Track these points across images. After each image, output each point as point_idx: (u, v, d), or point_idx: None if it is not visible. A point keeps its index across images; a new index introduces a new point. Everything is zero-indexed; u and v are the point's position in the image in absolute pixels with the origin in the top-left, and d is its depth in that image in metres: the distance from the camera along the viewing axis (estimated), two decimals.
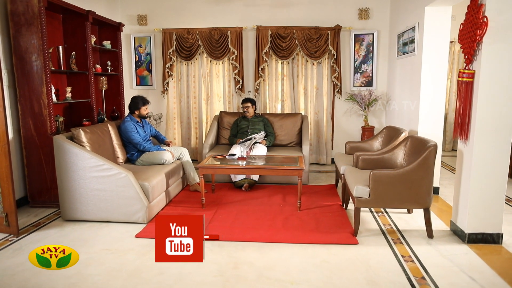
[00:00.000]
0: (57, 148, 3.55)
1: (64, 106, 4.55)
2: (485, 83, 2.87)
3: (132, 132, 4.22)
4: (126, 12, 5.97)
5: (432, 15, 4.11)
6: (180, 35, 5.81)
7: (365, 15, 5.69)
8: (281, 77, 5.93)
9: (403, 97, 4.98)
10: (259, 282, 2.55)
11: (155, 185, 3.68)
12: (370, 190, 3.16)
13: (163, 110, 6.14)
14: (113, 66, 5.33)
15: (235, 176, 4.61)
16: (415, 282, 2.54)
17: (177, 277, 2.60)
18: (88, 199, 3.54)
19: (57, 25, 4.44)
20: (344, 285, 2.51)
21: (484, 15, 2.78)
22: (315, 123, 5.98)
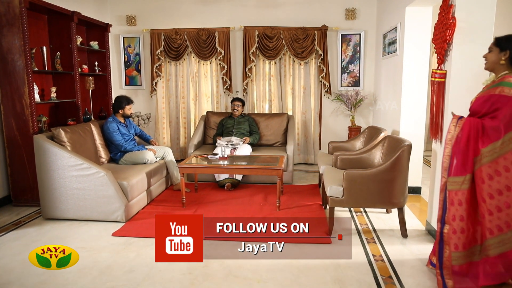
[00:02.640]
0: (38, 147, 3.59)
1: (50, 106, 4.59)
2: (455, 83, 2.89)
3: (114, 133, 4.25)
4: (115, 12, 6.01)
5: (412, 16, 4.12)
6: (168, 35, 5.85)
7: (352, 15, 5.71)
8: (269, 77, 5.96)
9: (388, 97, 5.00)
10: (226, 280, 2.58)
11: (134, 184, 3.71)
12: (344, 189, 3.18)
13: (152, 110, 6.19)
14: (100, 66, 5.37)
15: (219, 175, 4.64)
16: (381, 281, 2.56)
17: (146, 275, 2.64)
18: (67, 198, 3.58)
19: (42, 26, 4.48)
20: (310, 284, 2.54)
21: (453, 16, 2.80)
22: (303, 123, 6.00)
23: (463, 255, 2.34)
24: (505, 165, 2.20)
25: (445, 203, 2.44)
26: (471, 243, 2.35)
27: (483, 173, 2.25)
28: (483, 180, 2.25)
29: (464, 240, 2.33)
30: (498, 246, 2.25)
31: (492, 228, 2.25)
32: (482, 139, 2.27)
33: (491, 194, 2.23)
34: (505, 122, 2.21)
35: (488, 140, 2.25)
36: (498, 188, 2.22)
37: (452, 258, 2.36)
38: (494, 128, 2.24)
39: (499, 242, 2.24)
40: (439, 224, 2.47)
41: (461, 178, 2.32)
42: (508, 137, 2.21)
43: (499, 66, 2.36)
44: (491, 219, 2.24)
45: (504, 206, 2.21)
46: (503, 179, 2.21)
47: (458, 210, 2.32)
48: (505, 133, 2.21)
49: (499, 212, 2.21)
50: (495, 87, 2.29)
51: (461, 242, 2.33)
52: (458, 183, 2.33)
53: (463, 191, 2.31)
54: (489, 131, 2.25)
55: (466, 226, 2.32)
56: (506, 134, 2.20)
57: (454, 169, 2.36)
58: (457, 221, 2.33)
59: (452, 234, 2.36)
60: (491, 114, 2.27)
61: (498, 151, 2.22)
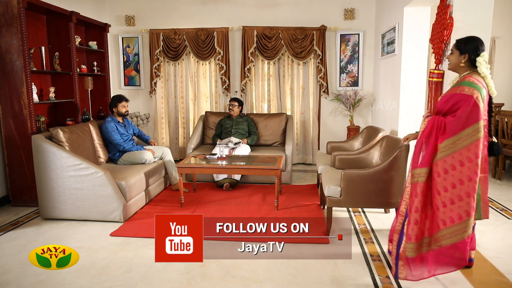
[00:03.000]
0: (36, 147, 3.60)
1: (48, 106, 4.59)
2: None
3: (112, 133, 4.26)
4: (114, 12, 6.01)
5: (411, 16, 4.13)
6: (167, 35, 5.85)
7: (351, 16, 5.71)
8: (267, 77, 5.96)
9: (386, 97, 5.00)
10: (224, 280, 2.59)
11: (133, 184, 3.71)
12: (342, 189, 3.18)
13: (151, 110, 6.19)
14: (99, 66, 5.37)
15: (217, 175, 4.64)
16: (378, 281, 2.56)
17: (144, 275, 2.64)
18: (66, 198, 3.59)
19: (40, 26, 4.49)
20: (308, 284, 2.54)
21: (450, 16, 2.80)
22: (302, 123, 6.00)
23: (415, 247, 2.45)
24: (460, 160, 2.32)
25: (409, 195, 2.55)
26: (422, 235, 2.46)
27: (439, 167, 2.37)
28: (438, 174, 2.37)
29: (417, 231, 2.44)
30: (450, 236, 2.37)
31: (445, 219, 2.37)
32: (442, 136, 2.39)
33: (445, 187, 2.35)
34: (462, 119, 2.32)
35: (446, 137, 2.37)
36: (452, 181, 2.33)
37: (406, 249, 2.46)
38: (452, 126, 2.35)
39: (451, 233, 2.37)
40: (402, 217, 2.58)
41: (419, 171, 2.45)
42: (464, 134, 2.32)
43: (460, 67, 2.49)
44: (445, 210, 2.36)
45: (457, 199, 2.33)
46: (457, 173, 2.32)
47: (414, 201, 2.45)
48: (461, 129, 2.32)
49: (452, 204, 2.34)
50: (457, 87, 2.41)
51: (414, 234, 2.44)
52: (416, 176, 2.46)
53: (420, 183, 2.43)
54: (448, 129, 2.37)
55: (419, 218, 2.44)
56: (462, 131, 2.32)
57: (413, 162, 2.50)
58: (413, 213, 2.44)
59: (408, 225, 2.48)
60: (453, 113, 2.38)
61: (453, 147, 2.34)
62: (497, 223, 3.53)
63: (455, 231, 2.35)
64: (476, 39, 2.45)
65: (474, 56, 2.42)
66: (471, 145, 2.31)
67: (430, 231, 2.45)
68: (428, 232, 2.46)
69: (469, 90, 2.33)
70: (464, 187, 2.32)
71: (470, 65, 2.45)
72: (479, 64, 2.40)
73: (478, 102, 2.29)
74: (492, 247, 3.05)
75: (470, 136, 2.31)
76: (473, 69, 2.45)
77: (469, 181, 2.31)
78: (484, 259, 2.86)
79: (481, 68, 2.40)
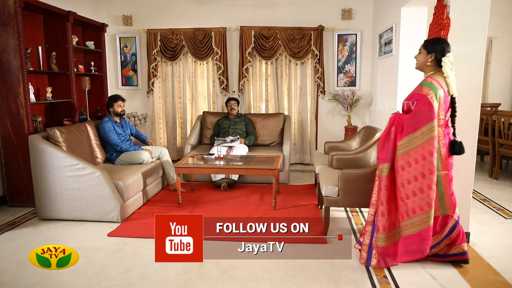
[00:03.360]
0: (33, 147, 3.58)
1: (45, 106, 4.57)
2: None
3: (109, 133, 4.25)
4: (111, 12, 6.00)
5: (408, 16, 4.14)
6: (165, 35, 5.84)
7: (348, 16, 5.72)
8: (265, 77, 5.96)
9: (384, 97, 5.01)
10: (222, 280, 2.58)
11: (130, 184, 3.71)
12: (339, 189, 3.18)
13: (149, 110, 6.18)
14: (96, 66, 5.36)
15: (215, 175, 4.64)
16: (376, 281, 2.56)
17: (141, 275, 2.63)
18: (63, 198, 3.58)
19: (37, 26, 4.47)
20: (305, 283, 2.54)
21: (447, 16, 2.81)
22: (299, 123, 6.01)
23: (385, 237, 2.62)
24: (415, 158, 2.49)
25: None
26: (393, 225, 2.63)
27: (398, 164, 2.55)
28: (397, 169, 2.56)
29: (384, 223, 2.61)
30: (413, 226, 2.53)
31: (408, 210, 2.53)
32: (401, 133, 2.55)
33: (408, 180, 2.52)
34: (416, 118, 2.48)
35: (404, 134, 2.53)
36: (407, 178, 2.51)
37: (377, 240, 2.64)
38: (408, 124, 2.51)
39: (413, 223, 2.52)
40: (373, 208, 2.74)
41: (381, 166, 2.64)
42: (419, 133, 2.47)
43: (426, 66, 2.63)
44: (408, 202, 2.53)
45: (418, 191, 2.49)
46: (412, 170, 2.50)
47: (380, 195, 2.63)
48: (415, 129, 2.48)
49: (414, 196, 2.50)
50: (418, 87, 2.57)
51: (381, 225, 2.62)
52: (381, 171, 2.64)
53: (383, 178, 2.62)
54: (404, 126, 2.53)
55: (386, 210, 2.61)
56: (416, 131, 2.47)
57: (377, 158, 2.69)
58: (379, 205, 2.63)
59: (377, 217, 2.66)
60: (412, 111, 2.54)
61: (409, 145, 2.50)
62: (494, 223, 3.54)
63: (417, 221, 2.51)
64: (443, 41, 2.59)
65: (440, 56, 2.55)
66: (425, 144, 2.46)
67: (399, 222, 2.61)
68: (398, 222, 2.62)
69: (425, 90, 2.49)
70: (425, 180, 2.47)
71: (435, 64, 2.59)
72: (444, 63, 2.53)
73: (432, 102, 2.43)
74: (489, 246, 3.06)
75: (425, 135, 2.46)
76: (438, 69, 2.59)
77: (423, 178, 2.48)
78: (481, 258, 2.87)
79: (445, 68, 2.53)
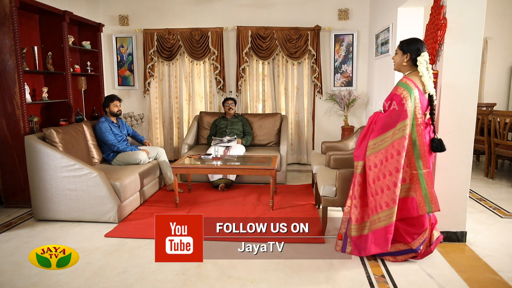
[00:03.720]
0: (29, 148, 3.56)
1: (41, 106, 4.55)
2: (447, 83, 2.91)
3: (106, 133, 4.23)
4: (107, 12, 5.98)
5: (404, 16, 4.15)
6: (161, 35, 5.83)
7: (345, 16, 5.73)
8: (262, 77, 5.96)
9: (381, 97, 5.02)
10: (220, 280, 2.58)
11: (127, 184, 3.69)
12: (337, 189, 3.19)
13: (145, 110, 6.16)
14: (93, 66, 5.33)
15: (212, 176, 4.64)
16: (374, 281, 2.57)
17: (139, 276, 2.63)
18: (59, 199, 3.56)
19: (33, 26, 4.44)
20: (303, 283, 2.54)
21: (444, 17, 2.83)
22: (296, 123, 6.02)
23: (357, 228, 2.79)
24: (385, 156, 2.60)
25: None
26: (362, 219, 2.78)
27: (370, 161, 2.68)
28: (369, 167, 2.69)
29: (357, 215, 2.78)
30: (380, 221, 2.66)
31: (376, 206, 2.66)
32: (373, 133, 2.68)
33: (378, 177, 2.65)
34: (390, 117, 2.59)
35: (376, 133, 2.65)
36: (377, 175, 2.65)
37: (351, 230, 2.80)
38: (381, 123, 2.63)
39: (380, 217, 2.65)
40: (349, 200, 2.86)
41: (356, 163, 2.78)
42: (390, 132, 2.58)
43: (403, 67, 2.73)
44: (376, 198, 2.66)
45: (385, 188, 2.61)
46: (381, 168, 2.63)
47: (354, 190, 2.79)
48: (388, 128, 2.59)
49: (382, 193, 2.63)
50: (395, 87, 2.68)
51: (355, 216, 2.78)
52: (356, 168, 2.79)
53: (357, 174, 2.77)
54: (378, 125, 2.65)
55: (358, 204, 2.78)
56: (389, 130, 2.59)
57: (354, 155, 2.80)
58: (353, 199, 2.79)
59: (351, 209, 2.81)
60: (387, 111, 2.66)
61: (381, 143, 2.63)
62: (490, 222, 3.56)
63: (383, 216, 2.64)
64: (418, 41, 2.67)
65: (415, 56, 2.63)
66: (395, 142, 2.56)
67: (368, 216, 2.74)
68: (368, 216, 2.76)
69: (399, 90, 2.60)
70: (391, 178, 2.58)
71: (412, 64, 2.68)
72: (419, 63, 2.61)
73: (405, 102, 2.53)
74: (485, 245, 3.08)
75: (395, 134, 2.56)
76: (414, 68, 2.68)
77: (390, 175, 2.59)
78: (477, 257, 2.89)
79: (420, 67, 2.61)
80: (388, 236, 2.64)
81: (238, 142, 4.95)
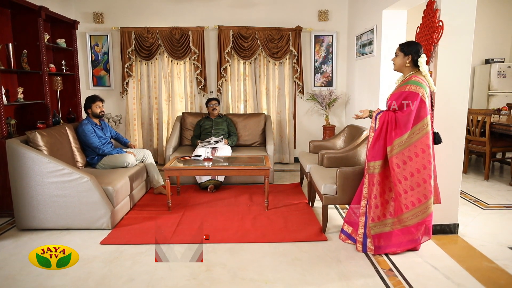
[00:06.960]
0: (11, 152, 3.31)
1: (15, 107, 4.25)
2: (441, 83, 3.05)
3: (90, 136, 4.02)
4: (80, 9, 5.70)
5: (389, 18, 4.30)
6: (140, 34, 5.64)
7: (325, 17, 5.84)
8: (244, 77, 5.94)
9: (363, 96, 5.17)
10: (234, 283, 2.54)
11: (119, 189, 3.54)
12: (337, 187, 3.24)
13: (123, 112, 5.94)
14: (68, 65, 5.07)
15: (200, 177, 4.56)
16: (383, 274, 2.64)
17: (148, 283, 2.53)
18: (46, 206, 3.34)
19: (5, 21, 4.14)
20: (317, 281, 2.56)
21: (439, 19, 2.95)
22: (278, 123, 6.05)
23: (377, 226, 2.86)
24: (415, 152, 2.70)
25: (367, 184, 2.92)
26: (383, 216, 2.85)
27: (398, 159, 2.72)
28: (398, 165, 2.73)
29: (379, 213, 2.84)
30: (414, 217, 2.75)
31: (407, 203, 2.74)
32: (395, 130, 2.73)
33: (405, 177, 2.72)
34: (412, 115, 2.66)
35: (400, 132, 2.71)
36: (410, 171, 2.71)
37: (371, 229, 2.87)
38: (404, 121, 2.68)
39: (413, 214, 2.75)
40: (364, 200, 2.94)
41: (373, 163, 2.82)
42: (416, 129, 2.69)
43: (405, 68, 2.85)
44: (406, 196, 2.73)
45: (416, 186, 2.71)
46: (413, 164, 2.71)
47: (373, 190, 2.82)
48: (412, 125, 2.68)
49: (412, 190, 2.72)
50: (405, 85, 2.75)
51: (376, 215, 2.84)
52: (372, 168, 2.83)
53: (376, 174, 2.81)
54: (401, 124, 2.70)
55: (379, 203, 2.83)
56: (414, 126, 2.68)
57: (369, 155, 2.85)
58: (373, 199, 2.83)
59: (369, 209, 2.86)
60: (402, 109, 2.72)
61: (408, 141, 2.70)
62: (474, 214, 3.78)
63: (416, 212, 2.74)
64: (416, 43, 2.81)
65: (416, 57, 2.77)
66: (422, 138, 2.68)
67: (395, 213, 2.80)
68: (391, 214, 2.83)
69: (416, 88, 2.68)
70: (420, 175, 2.70)
71: (413, 65, 2.81)
72: (420, 64, 2.75)
73: (424, 99, 2.66)
74: (476, 236, 3.26)
75: (421, 130, 2.68)
76: (416, 69, 2.81)
77: (424, 169, 2.70)
78: (472, 247, 3.05)
79: (422, 67, 2.75)
80: (429, 226, 2.81)
81: (224, 142, 4.90)
